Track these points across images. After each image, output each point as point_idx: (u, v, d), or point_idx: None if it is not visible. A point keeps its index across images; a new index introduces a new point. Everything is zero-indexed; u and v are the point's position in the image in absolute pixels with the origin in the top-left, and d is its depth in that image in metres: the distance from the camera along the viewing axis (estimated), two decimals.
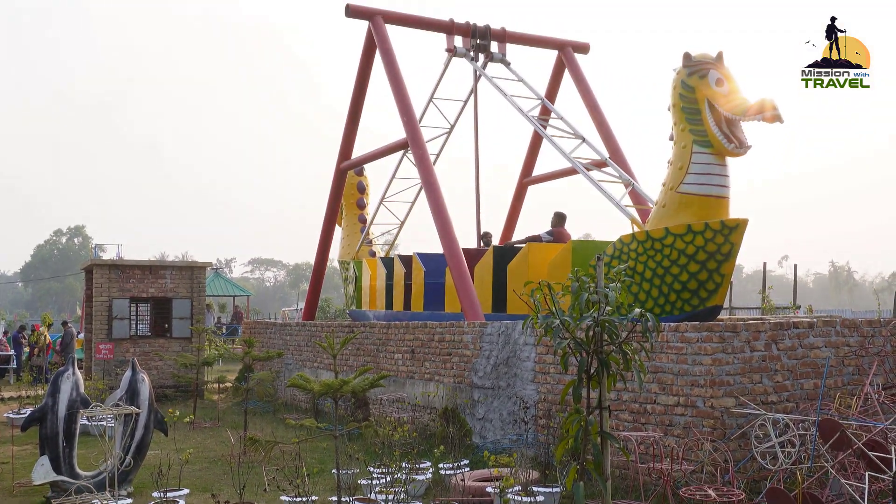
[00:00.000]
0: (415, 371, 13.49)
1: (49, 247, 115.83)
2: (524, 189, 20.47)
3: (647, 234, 10.90)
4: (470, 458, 10.76)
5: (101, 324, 19.13)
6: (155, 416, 9.73)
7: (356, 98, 18.19)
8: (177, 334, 19.66)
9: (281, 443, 8.40)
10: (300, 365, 17.46)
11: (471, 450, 11.23)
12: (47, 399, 9.55)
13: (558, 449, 5.47)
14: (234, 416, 15.54)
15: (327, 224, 19.33)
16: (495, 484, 8.19)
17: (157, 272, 19.78)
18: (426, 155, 15.46)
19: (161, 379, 18.84)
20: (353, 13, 16.68)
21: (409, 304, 16.44)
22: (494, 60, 17.61)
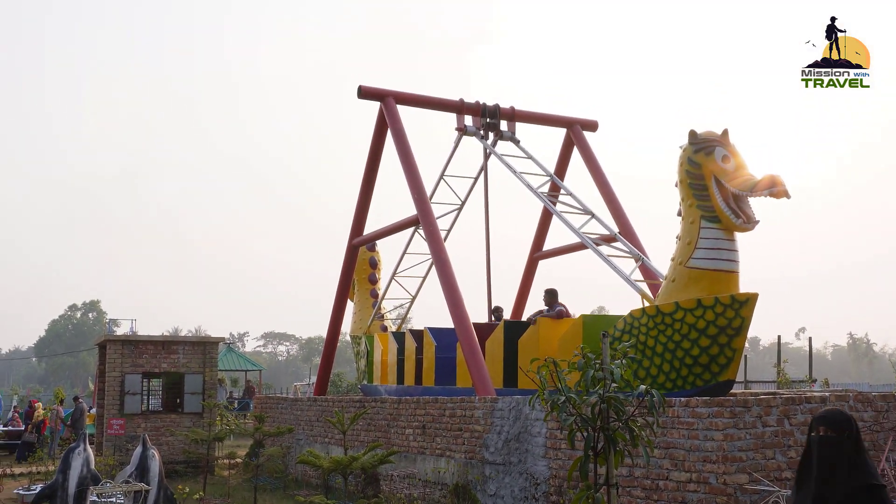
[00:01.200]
0: (426, 446, 13.41)
1: (63, 322, 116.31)
2: (535, 264, 20.59)
3: (657, 309, 10.94)
4: None
5: (113, 399, 19.16)
6: (165, 493, 9.71)
7: (368, 176, 18.52)
8: (188, 409, 19.63)
9: None
10: (311, 440, 17.36)
11: None
12: (58, 475, 9.56)
13: None
14: (244, 493, 15.42)
15: (339, 299, 19.46)
16: None
17: (170, 347, 19.87)
18: (437, 231, 15.66)
19: (172, 454, 18.74)
20: (365, 94, 17.11)
21: (420, 378, 16.43)
22: (504, 138, 17.94)
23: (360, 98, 17.12)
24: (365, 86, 17.11)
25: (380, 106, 17.39)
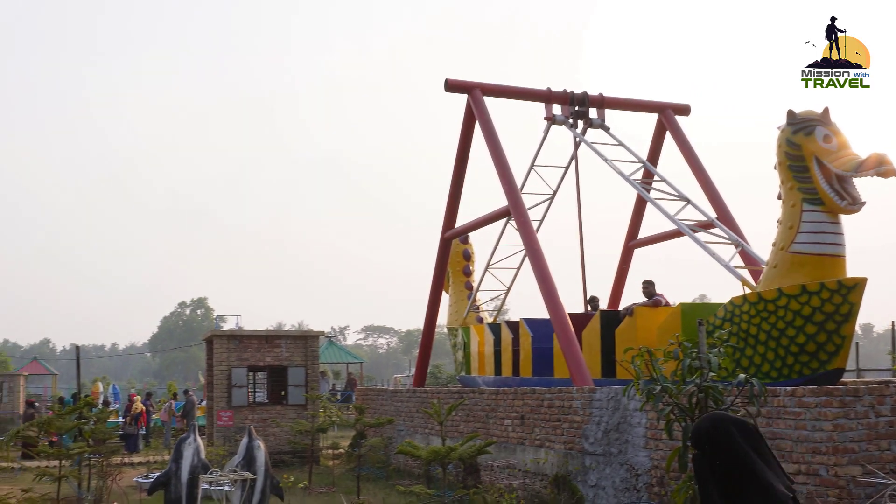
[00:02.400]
0: (525, 437, 13.43)
1: (174, 318, 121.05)
2: (630, 252, 20.32)
3: (759, 296, 10.66)
4: None
5: (221, 392, 19.85)
6: (271, 482, 10.02)
7: (458, 168, 18.61)
8: (293, 401, 20.16)
9: None
10: (411, 431, 17.61)
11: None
12: (171, 464, 10.01)
13: None
14: (348, 482, 15.76)
15: (434, 292, 19.65)
16: None
17: (273, 341, 20.43)
18: (528, 222, 15.62)
19: (278, 445, 19.31)
20: (451, 87, 17.19)
21: (517, 369, 16.45)
22: (594, 126, 17.74)
23: (447, 91, 17.21)
24: (451, 79, 17.18)
25: (467, 98, 17.44)
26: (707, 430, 3.58)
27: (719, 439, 3.51)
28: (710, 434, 3.56)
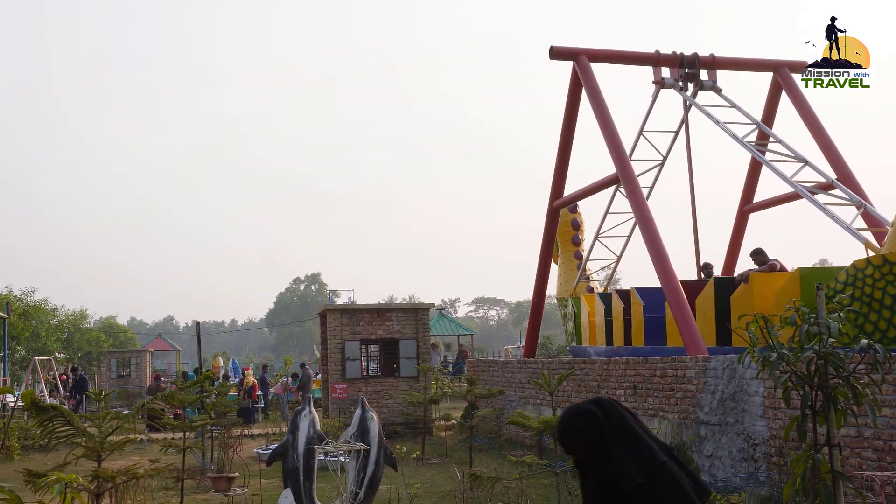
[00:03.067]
0: (637, 407, 13.24)
1: (289, 294, 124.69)
2: (745, 217, 19.66)
3: (883, 259, 10.13)
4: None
5: (335, 365, 20.34)
6: (384, 453, 10.19)
7: (565, 137, 18.35)
8: (404, 373, 20.48)
9: (502, 479, 8.55)
10: (522, 402, 17.63)
11: None
12: (288, 436, 10.31)
13: (786, 488, 5.22)
14: (461, 453, 15.93)
15: (543, 262, 19.52)
16: None
17: (385, 315, 20.76)
18: (638, 189, 15.29)
19: (391, 416, 19.67)
20: (556, 55, 16.92)
21: (629, 339, 16.21)
22: (704, 88, 17.17)
23: (553, 59, 16.96)
24: (556, 46, 16.91)
25: (573, 65, 17.14)
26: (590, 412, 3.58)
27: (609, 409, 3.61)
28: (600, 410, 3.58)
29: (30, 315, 35.85)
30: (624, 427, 3.60)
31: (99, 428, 7.64)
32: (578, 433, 3.58)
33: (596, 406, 3.63)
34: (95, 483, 7.35)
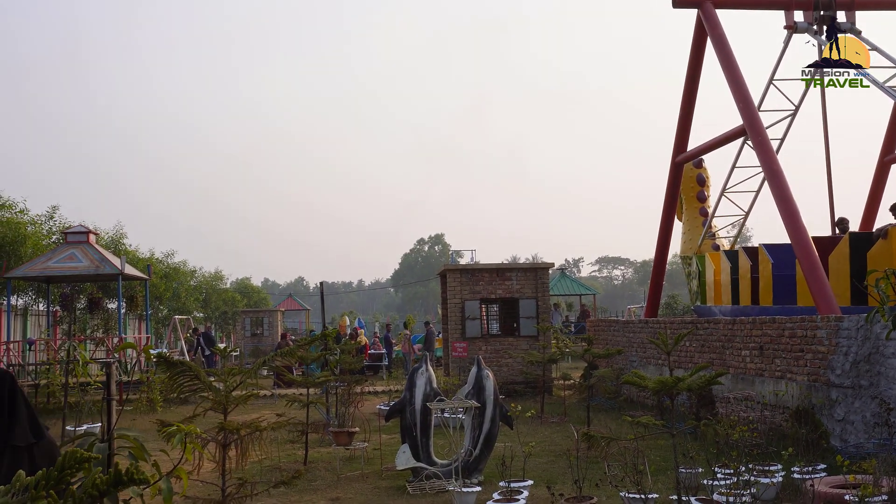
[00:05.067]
0: (764, 368, 12.78)
1: (414, 255, 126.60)
2: (886, 168, 18.51)
3: None
4: (827, 462, 9.94)
5: (455, 324, 20.52)
6: (500, 410, 10.24)
7: (689, 88, 17.68)
8: (524, 333, 20.47)
9: (618, 439, 8.42)
10: (644, 362, 17.33)
11: (829, 453, 10.39)
12: (405, 393, 10.50)
13: None
14: (579, 412, 15.84)
15: (665, 219, 18.99)
16: (853, 492, 7.50)
17: (504, 274, 20.75)
18: (766, 141, 14.60)
19: (510, 375, 19.74)
20: (680, 3, 16.25)
21: (756, 298, 15.62)
22: (842, 31, 16.13)
23: (676, 7, 16.30)
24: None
25: (697, 13, 16.44)
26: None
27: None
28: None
29: (170, 276, 37.71)
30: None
31: (224, 382, 7.95)
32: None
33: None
34: (222, 435, 7.68)
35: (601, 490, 8.94)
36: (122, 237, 32.14)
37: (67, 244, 21.02)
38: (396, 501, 9.40)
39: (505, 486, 8.84)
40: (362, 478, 10.86)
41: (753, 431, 9.88)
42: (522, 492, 8.64)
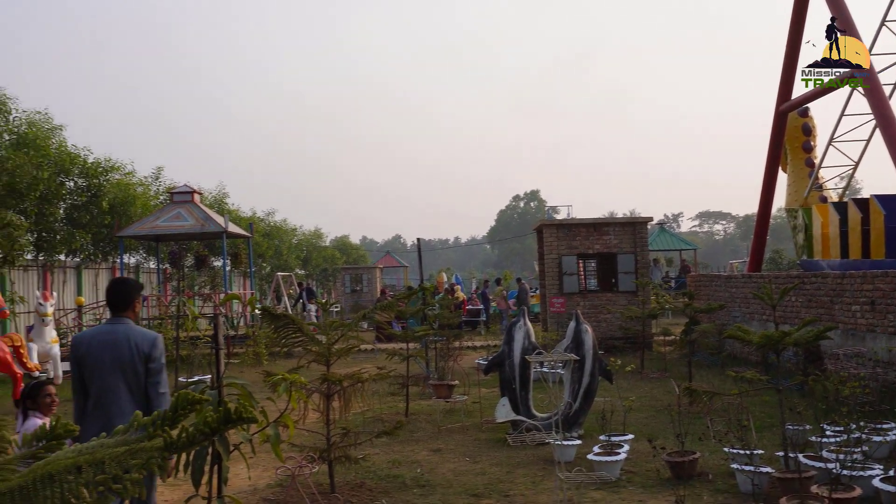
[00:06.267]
0: (876, 324, 12.29)
1: (510, 211, 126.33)
2: None
3: None
4: None
5: (552, 279, 20.42)
6: (599, 365, 10.18)
7: (793, 33, 16.93)
8: (623, 288, 20.22)
9: (721, 394, 8.27)
10: (747, 317, 16.90)
11: None
12: (504, 347, 10.55)
13: None
14: (681, 368, 15.62)
15: (769, 171, 18.35)
16: None
17: (601, 229, 20.49)
18: (879, 86, 13.89)
19: (609, 331, 19.57)
20: None
21: (867, 251, 14.97)
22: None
23: None
24: None
25: None
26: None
27: None
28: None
29: (272, 235, 38.71)
30: None
31: (326, 335, 8.15)
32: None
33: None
34: (325, 385, 7.90)
35: (704, 445, 8.82)
36: (225, 197, 33.08)
37: (173, 204, 21.77)
38: (497, 453, 9.50)
39: (605, 439, 8.82)
40: (462, 430, 11.01)
41: (865, 388, 9.56)
42: (623, 445, 8.60)
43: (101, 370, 5.09)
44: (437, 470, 8.77)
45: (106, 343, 5.15)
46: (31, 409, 5.72)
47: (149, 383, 5.16)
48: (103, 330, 5.28)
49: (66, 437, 2.42)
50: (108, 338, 5.17)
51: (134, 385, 5.10)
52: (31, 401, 5.71)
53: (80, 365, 5.17)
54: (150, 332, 5.42)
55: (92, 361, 5.12)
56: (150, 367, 5.15)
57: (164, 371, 5.30)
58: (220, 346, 4.87)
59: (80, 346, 5.22)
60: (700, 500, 7.26)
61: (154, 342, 5.22)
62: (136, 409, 4.43)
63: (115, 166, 23.53)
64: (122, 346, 5.12)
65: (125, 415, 4.94)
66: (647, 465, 8.52)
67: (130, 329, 5.21)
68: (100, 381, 5.09)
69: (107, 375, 5.08)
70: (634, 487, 7.79)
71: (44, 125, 20.75)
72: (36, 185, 18.93)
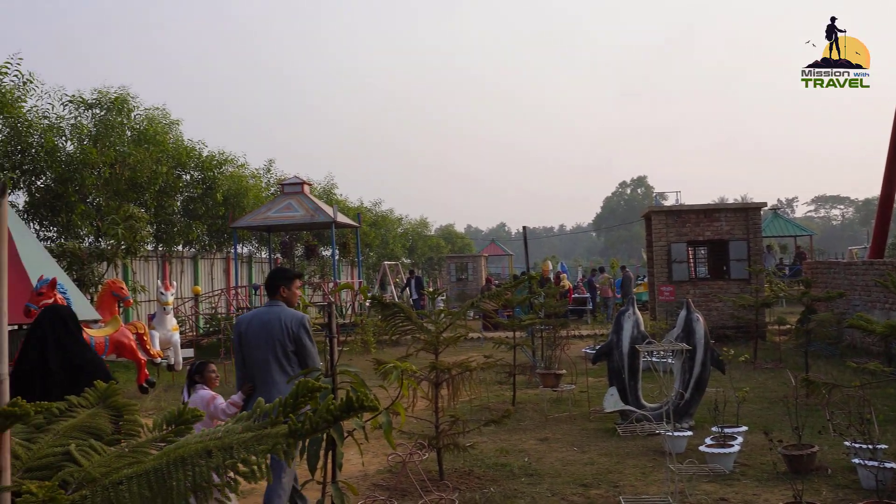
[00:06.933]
0: None
1: (616, 198, 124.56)
2: None
3: None
4: None
5: (661, 267, 20.04)
6: (711, 354, 9.94)
7: None
8: (735, 276, 19.67)
9: (841, 386, 7.96)
10: (868, 306, 16.18)
11: None
12: (612, 336, 10.43)
13: None
14: (795, 358, 15.09)
15: (892, 153, 17.47)
16: None
17: (712, 215, 19.96)
18: None
19: (720, 319, 19.08)
20: None
21: None
22: None
23: None
24: None
25: None
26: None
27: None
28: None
29: (378, 224, 39.29)
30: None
31: (434, 324, 8.24)
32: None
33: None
34: (434, 373, 7.99)
35: (822, 439, 8.51)
36: (333, 187, 33.75)
37: (284, 195, 22.36)
38: (605, 443, 9.41)
39: (718, 431, 8.61)
40: (570, 419, 10.95)
41: None
42: (736, 437, 8.38)
43: (256, 345, 6.02)
44: (544, 459, 8.75)
45: (261, 322, 6.07)
46: (199, 382, 6.57)
47: (298, 356, 6.03)
48: (261, 311, 6.23)
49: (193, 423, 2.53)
50: (263, 318, 6.09)
51: (283, 358, 5.99)
52: (199, 375, 6.58)
53: (240, 341, 6.15)
54: (299, 312, 6.21)
55: (249, 338, 6.07)
56: (297, 343, 6.02)
57: (311, 345, 6.07)
58: (333, 333, 4.99)
59: (240, 325, 6.21)
60: (819, 496, 7.01)
61: (301, 322, 6.05)
62: (283, 379, 5.90)
63: (228, 159, 24.31)
64: (273, 325, 6.01)
65: (275, 383, 5.91)
66: (761, 458, 8.28)
67: (283, 311, 6.10)
68: (255, 355, 6.03)
69: (260, 350, 6.00)
70: (749, 480, 7.59)
71: (162, 120, 21.61)
72: (155, 179, 19.75)
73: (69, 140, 18.25)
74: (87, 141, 18.02)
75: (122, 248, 17.59)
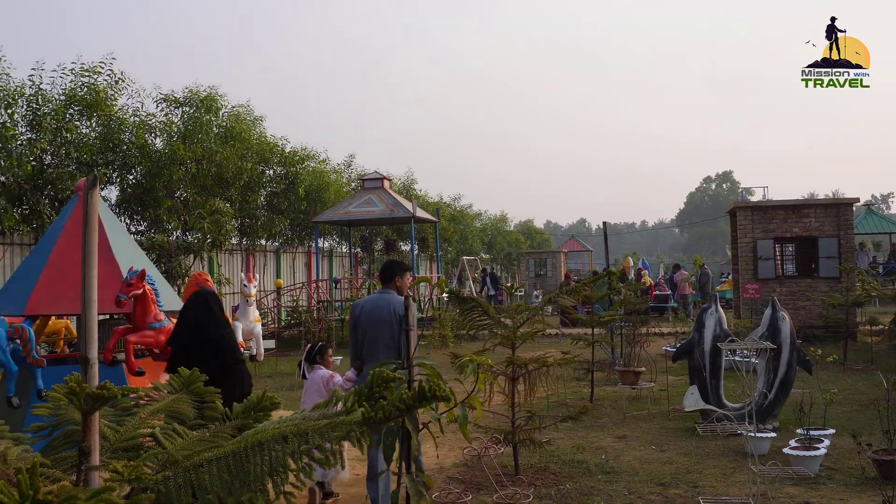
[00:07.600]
0: None
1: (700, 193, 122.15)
2: None
3: None
4: None
5: (746, 264, 19.56)
6: (798, 355, 9.66)
7: None
8: (824, 274, 19.06)
9: None
10: None
11: None
12: (693, 334, 10.23)
13: None
14: (889, 360, 14.57)
15: None
16: None
17: (801, 211, 19.38)
18: None
19: (808, 319, 18.52)
20: None
21: None
22: None
23: None
24: None
25: None
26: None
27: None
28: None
29: (457, 219, 39.37)
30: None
31: (512, 319, 8.22)
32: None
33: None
34: (511, 368, 7.97)
35: None
36: (413, 183, 33.95)
37: (364, 190, 22.60)
38: (685, 442, 9.25)
39: (803, 433, 8.36)
40: (648, 417, 10.79)
41: None
42: (823, 440, 8.13)
43: (368, 326, 6.79)
44: (622, 457, 8.65)
45: (374, 307, 6.84)
46: (318, 362, 7.51)
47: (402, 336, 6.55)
48: (374, 297, 7.02)
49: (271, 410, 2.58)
50: (376, 303, 6.86)
51: (389, 338, 6.73)
52: (319, 356, 7.53)
53: (355, 322, 6.92)
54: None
55: (363, 320, 6.84)
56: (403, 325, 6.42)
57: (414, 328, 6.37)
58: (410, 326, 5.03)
59: (356, 308, 7.00)
60: None
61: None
62: (390, 356, 6.58)
63: (310, 154, 24.69)
64: (383, 309, 6.76)
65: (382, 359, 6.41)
66: (849, 461, 8.01)
67: (392, 297, 6.86)
68: (367, 334, 6.79)
69: (371, 330, 6.77)
70: (835, 485, 7.36)
71: (247, 117, 22.09)
72: (240, 175, 20.19)
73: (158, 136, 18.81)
74: (176, 138, 18.54)
75: (208, 241, 18.07)
